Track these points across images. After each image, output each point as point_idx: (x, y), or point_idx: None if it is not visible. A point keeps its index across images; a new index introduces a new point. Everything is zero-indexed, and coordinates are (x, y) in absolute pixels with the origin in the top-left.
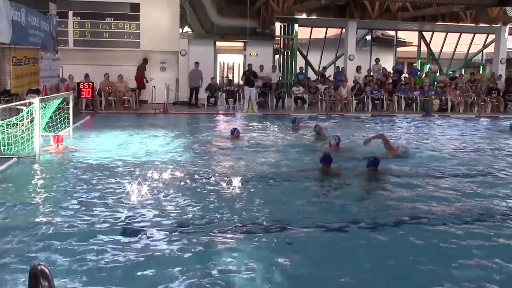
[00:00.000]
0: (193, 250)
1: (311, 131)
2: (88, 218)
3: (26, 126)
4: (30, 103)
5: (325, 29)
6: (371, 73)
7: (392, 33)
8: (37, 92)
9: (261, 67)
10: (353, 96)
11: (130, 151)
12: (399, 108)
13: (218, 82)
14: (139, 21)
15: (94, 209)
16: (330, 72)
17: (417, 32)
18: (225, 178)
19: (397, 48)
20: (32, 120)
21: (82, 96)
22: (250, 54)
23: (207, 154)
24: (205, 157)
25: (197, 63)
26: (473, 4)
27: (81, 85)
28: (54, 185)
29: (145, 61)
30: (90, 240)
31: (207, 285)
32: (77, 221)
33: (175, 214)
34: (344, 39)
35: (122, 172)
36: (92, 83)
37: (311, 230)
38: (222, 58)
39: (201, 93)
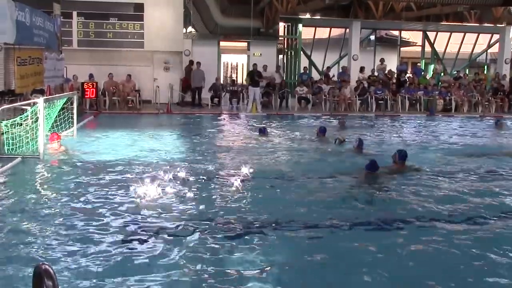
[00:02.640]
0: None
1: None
2: (92, 219)
3: (30, 126)
4: (34, 103)
5: (329, 29)
6: (375, 73)
7: (396, 33)
8: (41, 92)
9: (265, 67)
10: (357, 96)
11: (135, 151)
12: (403, 108)
13: (221, 82)
14: (143, 21)
15: (99, 210)
16: (334, 72)
17: (421, 32)
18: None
19: (401, 48)
20: (36, 120)
21: (86, 96)
22: (254, 54)
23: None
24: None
25: (198, 63)
26: (478, 4)
27: (85, 85)
28: (58, 185)
29: (191, 62)
30: (94, 241)
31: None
32: (81, 222)
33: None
34: (348, 39)
35: (127, 172)
36: (96, 83)
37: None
38: (226, 58)
39: (204, 93)
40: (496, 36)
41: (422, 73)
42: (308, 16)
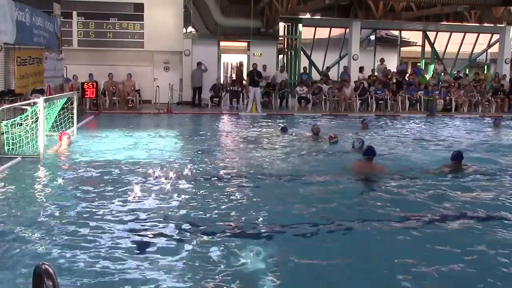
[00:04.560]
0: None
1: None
2: (92, 220)
3: (30, 126)
4: (34, 103)
5: (329, 29)
6: (375, 73)
7: (396, 33)
8: (41, 92)
9: (264, 67)
10: (357, 96)
11: (135, 151)
12: (403, 108)
13: (222, 82)
14: (143, 21)
15: (99, 210)
16: (334, 72)
17: (421, 32)
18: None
19: (401, 48)
20: (36, 120)
21: (86, 96)
22: (254, 54)
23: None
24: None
25: (199, 64)
26: (478, 4)
27: (85, 85)
28: (57, 186)
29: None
30: (94, 242)
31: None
32: (81, 223)
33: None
34: (348, 39)
35: (127, 172)
36: (96, 83)
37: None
38: (226, 58)
39: (205, 93)
40: (496, 36)
41: (421, 72)
42: (308, 16)
